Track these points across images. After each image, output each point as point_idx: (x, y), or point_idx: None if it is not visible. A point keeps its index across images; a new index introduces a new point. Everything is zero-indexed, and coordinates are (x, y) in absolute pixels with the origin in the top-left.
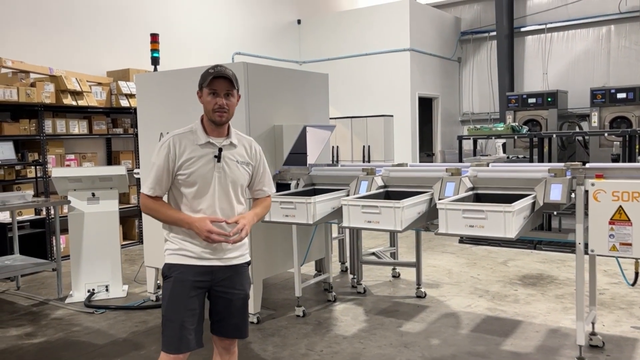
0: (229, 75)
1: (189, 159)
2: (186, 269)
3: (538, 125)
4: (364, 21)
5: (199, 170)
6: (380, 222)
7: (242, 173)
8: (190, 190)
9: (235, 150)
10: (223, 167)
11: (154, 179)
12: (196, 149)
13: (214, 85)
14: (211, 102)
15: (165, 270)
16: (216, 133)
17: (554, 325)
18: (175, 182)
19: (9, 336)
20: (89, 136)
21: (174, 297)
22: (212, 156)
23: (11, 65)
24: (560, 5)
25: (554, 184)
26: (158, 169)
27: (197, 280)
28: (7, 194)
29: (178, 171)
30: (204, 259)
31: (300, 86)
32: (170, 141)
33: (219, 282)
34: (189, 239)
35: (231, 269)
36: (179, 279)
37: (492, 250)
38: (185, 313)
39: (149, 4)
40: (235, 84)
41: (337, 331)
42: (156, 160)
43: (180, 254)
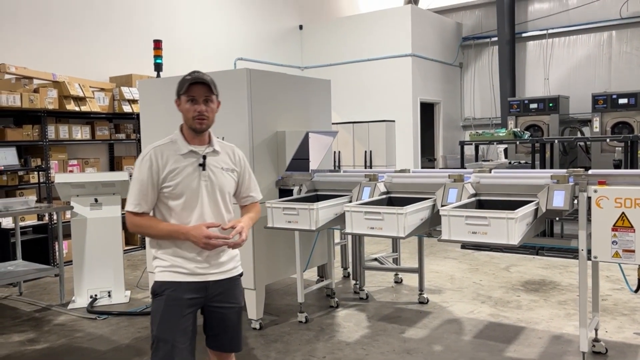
0: (207, 81)
1: (172, 170)
2: (179, 287)
3: (540, 130)
4: (366, 27)
5: (185, 180)
6: (383, 228)
7: (229, 180)
8: (178, 203)
9: (219, 157)
10: (209, 175)
11: (138, 194)
12: (179, 159)
13: (192, 91)
14: (190, 110)
15: (156, 288)
16: (197, 141)
17: (557, 332)
18: (160, 197)
19: (11, 342)
20: (91, 142)
21: (167, 316)
22: (197, 165)
23: (15, 71)
24: (562, 11)
25: (557, 190)
26: (142, 184)
27: (191, 298)
28: (10, 200)
29: (163, 184)
30: (198, 275)
31: (302, 92)
32: (151, 153)
33: (213, 297)
34: (180, 254)
35: (225, 282)
36: (172, 297)
37: (494, 256)
38: (178, 333)
39: (152, 11)
40: (214, 90)
41: (340, 337)
42: (138, 174)
43: (173, 270)
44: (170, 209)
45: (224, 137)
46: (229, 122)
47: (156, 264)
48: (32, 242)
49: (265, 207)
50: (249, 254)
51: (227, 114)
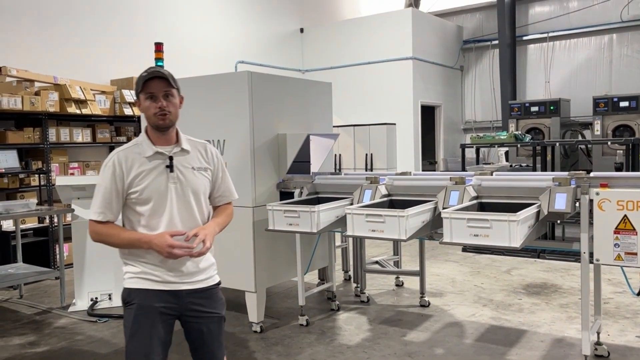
0: (165, 75)
1: (138, 174)
2: (150, 295)
3: (540, 133)
4: (367, 30)
5: (152, 184)
6: (384, 231)
7: (201, 180)
8: (146, 208)
9: (188, 157)
10: (178, 177)
11: (101, 202)
12: (144, 162)
13: (149, 87)
14: (150, 107)
15: (126, 296)
16: (164, 141)
17: (559, 335)
18: (127, 203)
19: (12, 345)
20: (92, 144)
21: (138, 326)
22: (164, 167)
23: (16, 74)
24: (562, 14)
25: (559, 193)
26: (105, 191)
27: (164, 307)
28: (10, 202)
29: (129, 190)
30: (170, 283)
31: (303, 95)
32: (114, 159)
33: (190, 308)
34: (151, 260)
35: (201, 294)
36: (142, 306)
37: (495, 259)
38: (151, 343)
39: (152, 13)
40: (173, 83)
41: (341, 340)
42: (101, 181)
43: (143, 277)
44: (138, 215)
45: (225, 139)
46: (231, 125)
47: (126, 270)
48: (32, 245)
49: (267, 210)
50: (250, 256)
51: (228, 117)
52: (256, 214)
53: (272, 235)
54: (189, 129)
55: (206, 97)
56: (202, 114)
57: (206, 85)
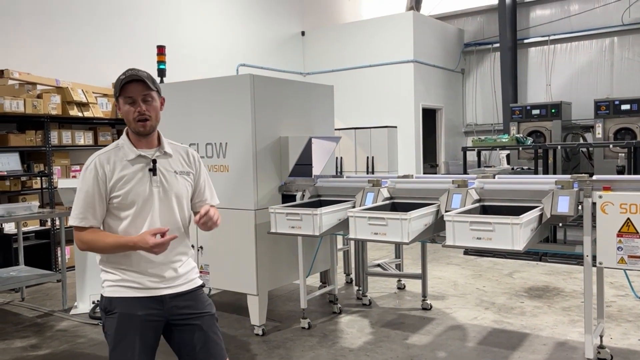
0: (143, 77)
1: (121, 178)
2: (132, 303)
3: (542, 136)
4: (368, 33)
5: (135, 188)
6: (387, 234)
7: (183, 184)
8: (129, 213)
9: (171, 160)
10: (161, 181)
11: (83, 207)
12: (127, 166)
13: (127, 91)
14: (130, 112)
15: (106, 305)
16: (145, 144)
17: (562, 338)
18: (109, 208)
19: (13, 348)
20: (94, 147)
21: (121, 336)
22: (147, 170)
23: (18, 77)
24: (563, 17)
25: (562, 196)
26: (87, 196)
27: (148, 314)
28: (13, 205)
29: (112, 194)
30: (151, 289)
31: (305, 97)
32: (95, 162)
33: (176, 312)
34: (130, 267)
35: (184, 296)
36: (125, 314)
37: (497, 262)
38: (135, 353)
39: (154, 16)
40: (152, 86)
41: (343, 343)
42: (83, 186)
43: (123, 285)
44: (120, 220)
45: (227, 142)
46: (233, 128)
47: (104, 278)
48: (34, 248)
49: (269, 213)
50: (252, 259)
51: (230, 119)
52: (258, 217)
53: (274, 238)
54: (191, 131)
55: (208, 100)
56: (204, 117)
57: (208, 88)
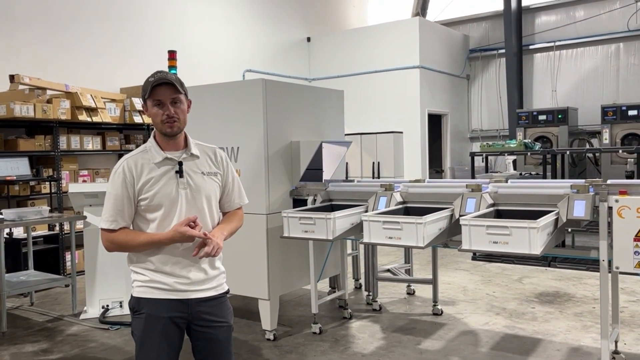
0: (172, 80)
1: (148, 181)
2: (159, 304)
3: (549, 142)
4: (374, 39)
5: (162, 190)
6: (401, 238)
7: (212, 185)
8: (157, 215)
9: (198, 162)
10: (188, 182)
11: (113, 210)
12: (154, 169)
13: (156, 94)
14: (158, 114)
15: (134, 304)
16: (172, 147)
17: (575, 344)
18: (138, 211)
19: (25, 352)
20: (102, 152)
21: (147, 336)
22: (174, 172)
23: (28, 81)
24: (569, 24)
25: (577, 200)
26: (116, 199)
27: (173, 317)
28: (23, 210)
29: (139, 196)
30: (178, 291)
31: (316, 102)
32: (124, 166)
33: (199, 317)
34: (159, 268)
35: (210, 301)
36: (151, 315)
37: (505, 267)
38: (160, 352)
39: (162, 23)
40: (180, 89)
41: (355, 349)
42: (112, 189)
43: (151, 286)
44: (148, 222)
45: (239, 147)
46: (245, 132)
47: (134, 278)
48: (42, 252)
49: (282, 217)
50: (263, 264)
51: (242, 124)
52: (270, 222)
53: (285, 243)
54: (203, 136)
55: (220, 104)
56: (216, 122)
57: (220, 93)
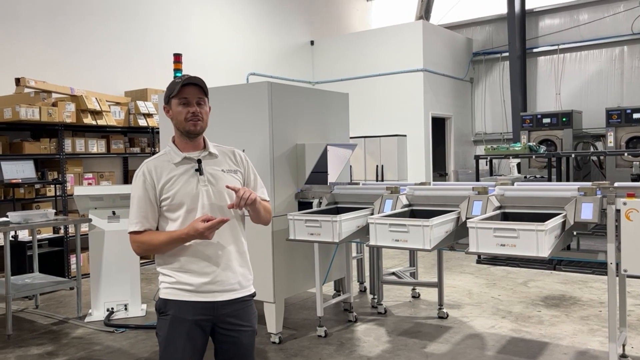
0: (199, 83)
1: (168, 180)
2: (184, 306)
3: (553, 145)
4: (377, 42)
5: (183, 188)
6: (408, 240)
7: (232, 181)
8: (179, 214)
9: (217, 160)
10: (208, 180)
11: (137, 212)
12: (173, 169)
13: (184, 93)
14: (183, 112)
15: (161, 305)
16: (191, 148)
17: (582, 347)
18: (162, 212)
19: (30, 355)
20: (106, 155)
21: (172, 338)
22: (194, 170)
23: (34, 85)
24: (573, 27)
25: (585, 202)
26: (140, 201)
27: (198, 319)
28: (29, 212)
29: (161, 196)
30: (204, 293)
31: (321, 105)
32: (144, 169)
33: (224, 319)
34: (186, 269)
35: (235, 304)
36: (176, 317)
37: (510, 270)
38: (185, 355)
39: (165, 27)
40: (206, 92)
41: (361, 352)
42: (134, 192)
43: (177, 287)
44: (171, 222)
45: (244, 149)
46: (250, 135)
47: (161, 280)
48: (47, 255)
49: (287, 220)
50: (269, 267)
51: (248, 127)
52: (275, 224)
53: (290, 246)
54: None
55: (226, 107)
56: (221, 124)
57: (226, 95)
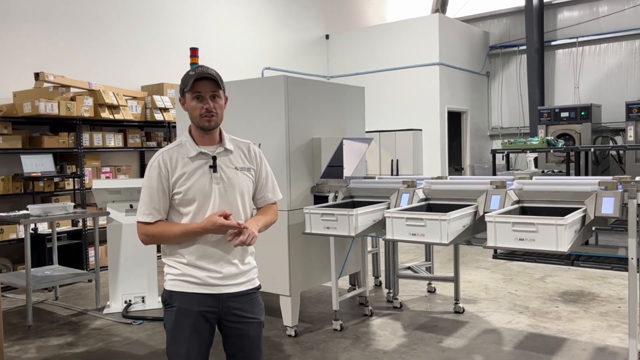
0: (213, 75)
1: (182, 175)
2: (190, 298)
3: (571, 139)
4: (393, 36)
5: (196, 184)
6: (425, 235)
7: (245, 180)
8: (190, 209)
9: (232, 157)
10: (222, 177)
11: (149, 203)
12: (188, 163)
13: (197, 87)
14: (197, 107)
15: (166, 297)
16: (207, 141)
17: (601, 344)
18: (172, 204)
19: (50, 345)
20: (123, 149)
21: (178, 330)
22: (207, 167)
23: (53, 79)
24: (592, 19)
25: (606, 197)
26: (152, 192)
27: (204, 311)
28: (49, 205)
29: (173, 190)
30: (210, 286)
31: (337, 99)
32: (159, 159)
33: (230, 312)
34: (192, 262)
35: (240, 297)
36: (182, 309)
37: (527, 266)
38: (191, 346)
39: (182, 21)
40: (220, 84)
41: (377, 346)
42: (148, 182)
43: (183, 279)
44: (181, 216)
45: (260, 143)
46: (266, 129)
47: (167, 271)
48: (66, 248)
49: (303, 213)
50: (285, 260)
51: (264, 121)
52: (291, 218)
53: (306, 240)
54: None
55: (242, 101)
56: (237, 118)
57: (243, 89)
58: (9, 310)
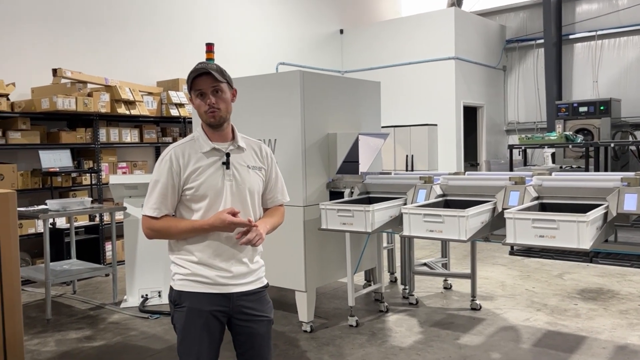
0: (211, 70)
1: (195, 170)
2: (200, 298)
3: (590, 134)
4: (408, 30)
5: (208, 180)
6: (443, 231)
7: (256, 179)
8: (201, 205)
9: (244, 154)
10: (234, 174)
11: (157, 197)
12: (201, 158)
13: (197, 85)
14: (201, 105)
15: (176, 297)
16: (220, 138)
17: (621, 342)
18: (182, 200)
19: (69, 339)
20: (139, 145)
21: (189, 330)
22: (220, 163)
23: (70, 75)
24: (611, 12)
25: (628, 193)
26: (162, 187)
27: (214, 310)
28: (67, 200)
29: (185, 185)
30: (220, 285)
31: (353, 94)
32: (171, 153)
33: (240, 310)
34: (202, 260)
35: (250, 295)
36: (193, 309)
37: (545, 262)
38: (202, 346)
39: (197, 17)
40: (221, 78)
41: (393, 342)
42: (158, 177)
43: (192, 279)
44: (192, 212)
45: (276, 139)
46: (282, 124)
47: (175, 271)
48: (83, 242)
49: (319, 209)
50: (300, 256)
51: (279, 116)
52: (307, 214)
53: (322, 235)
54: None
55: (258, 96)
56: (253, 114)
57: (258, 84)
58: (29, 304)
